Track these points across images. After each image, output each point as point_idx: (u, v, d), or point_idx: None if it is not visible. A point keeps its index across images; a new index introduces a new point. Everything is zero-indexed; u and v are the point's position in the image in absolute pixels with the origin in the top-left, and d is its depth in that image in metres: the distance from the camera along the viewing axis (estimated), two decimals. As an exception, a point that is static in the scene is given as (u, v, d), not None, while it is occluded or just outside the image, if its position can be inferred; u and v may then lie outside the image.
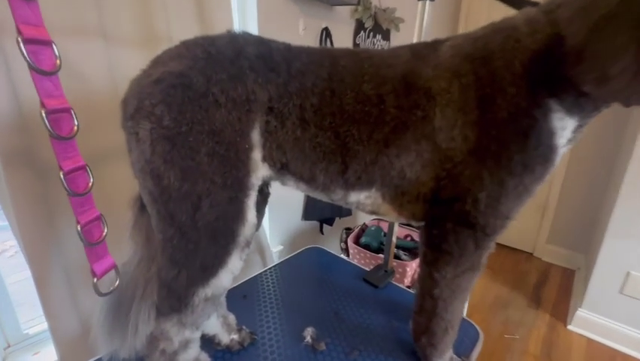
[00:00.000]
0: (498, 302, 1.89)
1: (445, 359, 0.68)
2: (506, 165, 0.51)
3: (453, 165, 0.53)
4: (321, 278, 1.00)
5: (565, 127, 0.50)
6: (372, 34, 1.68)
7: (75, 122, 0.44)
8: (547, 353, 1.56)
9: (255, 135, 0.52)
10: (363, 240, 1.57)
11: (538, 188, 0.54)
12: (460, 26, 2.45)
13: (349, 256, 1.58)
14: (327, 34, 1.42)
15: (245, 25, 1.19)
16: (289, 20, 1.27)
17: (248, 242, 0.56)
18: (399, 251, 1.52)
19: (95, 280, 0.51)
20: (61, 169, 0.44)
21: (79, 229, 0.46)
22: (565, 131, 0.51)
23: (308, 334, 0.76)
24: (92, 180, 0.47)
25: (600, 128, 1.92)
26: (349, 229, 1.68)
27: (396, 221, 0.70)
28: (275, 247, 1.46)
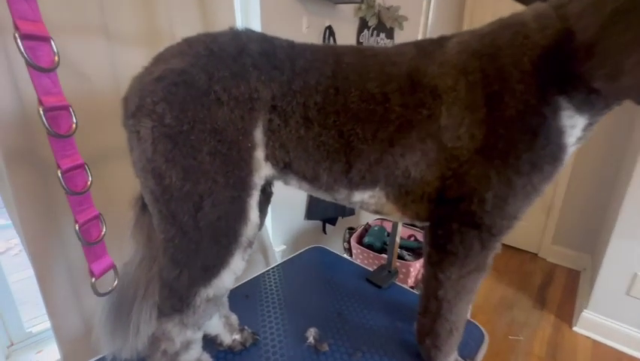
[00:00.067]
0: (503, 303, 1.87)
1: (450, 361, 0.67)
2: (514, 164, 0.50)
3: (459, 165, 0.52)
4: (324, 278, 0.99)
5: (575, 125, 0.49)
6: (375, 32, 1.66)
7: (74, 119, 0.44)
8: (553, 355, 1.55)
9: (258, 134, 0.51)
10: (366, 240, 1.56)
11: (546, 187, 0.53)
12: (465, 24, 2.43)
13: (352, 256, 1.57)
14: (330, 32, 1.41)
15: (248, 24, 1.18)
16: (292, 18, 1.27)
17: (250, 242, 0.56)
18: (402, 251, 1.51)
19: (93, 280, 0.50)
20: (59, 167, 0.44)
21: (77, 228, 0.46)
22: (574, 129, 0.50)
23: (311, 334, 0.75)
24: (90, 178, 0.47)
25: (607, 126, 1.90)
26: (352, 229, 1.68)
27: (400, 221, 0.69)
28: (278, 247, 1.46)
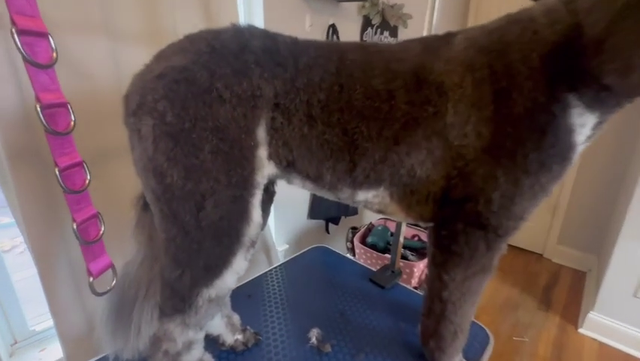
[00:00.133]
0: (507, 304, 1.85)
1: (455, 363, 0.66)
2: (522, 163, 0.48)
3: (465, 163, 0.51)
4: (327, 278, 0.99)
5: (584, 124, 0.48)
6: (379, 30, 1.65)
7: (72, 117, 0.43)
8: (558, 356, 1.53)
9: (261, 132, 0.51)
10: (369, 239, 1.55)
11: (554, 187, 0.52)
12: (470, 22, 2.41)
13: (355, 255, 1.56)
14: (333, 30, 1.40)
15: (251, 22, 1.17)
16: (296, 17, 1.26)
17: (253, 242, 0.55)
18: (406, 251, 1.50)
19: (91, 279, 0.50)
20: (57, 165, 0.43)
21: (74, 227, 0.45)
22: (584, 128, 0.49)
23: (313, 335, 0.75)
24: (89, 177, 0.46)
25: (615, 123, 1.84)
26: (355, 229, 1.67)
27: (404, 221, 0.68)
28: (280, 246, 1.45)
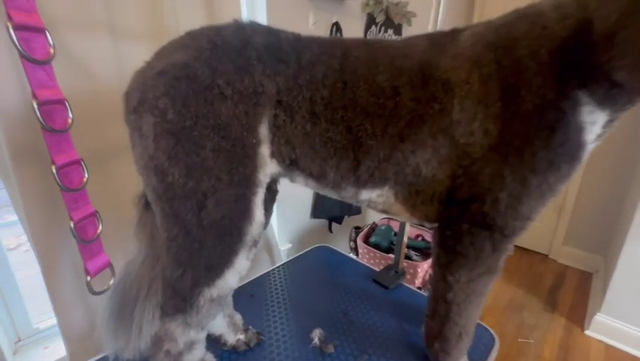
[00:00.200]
0: (512, 305, 1.83)
1: (459, 365, 0.65)
2: (530, 162, 0.47)
3: (471, 162, 0.50)
4: (330, 278, 0.98)
5: (595, 121, 0.47)
6: (383, 29, 1.64)
7: (70, 114, 0.43)
8: (564, 358, 1.51)
9: (263, 130, 0.50)
10: (372, 239, 1.54)
11: (562, 187, 0.51)
12: (475, 20, 2.39)
13: (358, 255, 1.55)
14: (337, 28, 1.39)
15: (253, 19, 1.17)
16: (299, 14, 1.25)
17: (255, 241, 0.54)
18: (410, 251, 1.49)
19: (89, 278, 0.49)
20: (54, 163, 0.42)
21: (71, 225, 0.44)
22: (595, 126, 0.47)
23: (316, 335, 0.74)
24: (86, 175, 0.46)
25: (623, 121, 1.81)
26: (359, 228, 1.66)
27: (409, 222, 0.67)
28: (283, 245, 1.45)
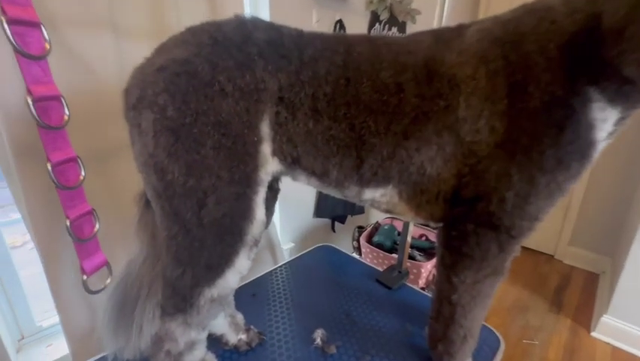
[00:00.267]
0: (517, 306, 1.81)
1: (464, 368, 0.64)
2: (538, 160, 0.46)
3: (477, 161, 0.49)
4: (333, 278, 0.97)
5: (606, 119, 0.45)
6: (387, 26, 1.62)
7: (66, 111, 0.42)
8: (569, 360, 1.49)
9: (264, 127, 0.49)
10: (376, 239, 1.53)
11: (571, 186, 0.49)
12: (481, 17, 2.36)
13: (361, 255, 1.55)
14: (340, 26, 1.38)
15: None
16: (302, 12, 1.25)
17: (256, 241, 0.54)
18: (413, 251, 1.48)
19: (85, 277, 0.48)
20: (49, 160, 0.42)
21: (67, 224, 0.44)
22: (606, 123, 0.46)
23: (318, 336, 0.73)
24: (83, 173, 0.45)
25: (631, 119, 1.80)
26: (362, 228, 1.65)
27: (413, 221, 0.66)
28: (286, 245, 1.44)
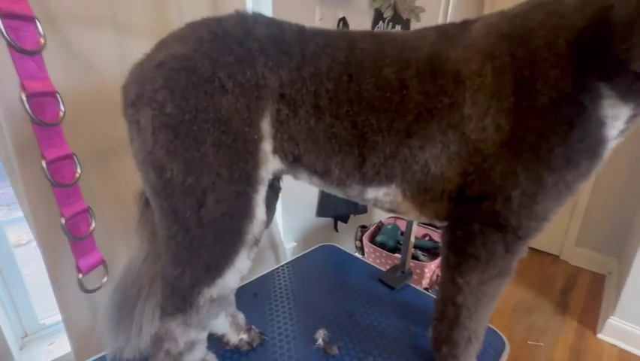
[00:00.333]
0: (522, 307, 1.79)
1: (468, 371, 0.63)
2: (545, 158, 0.45)
3: (482, 159, 0.48)
4: (335, 278, 0.96)
5: (617, 116, 0.44)
6: (391, 24, 1.61)
7: (61, 107, 0.41)
8: (575, 363, 1.47)
9: (265, 125, 0.48)
10: (379, 238, 1.52)
11: (581, 186, 0.48)
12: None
13: (364, 255, 1.53)
14: (344, 24, 1.37)
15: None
16: (305, 10, 1.24)
17: (256, 240, 0.53)
18: (417, 251, 1.47)
19: (80, 276, 0.48)
20: (44, 158, 0.41)
21: (63, 222, 0.43)
22: (617, 121, 0.44)
23: (320, 336, 0.73)
24: (79, 170, 0.44)
25: None
26: (365, 227, 1.64)
27: (417, 220, 0.65)
28: (288, 244, 1.44)
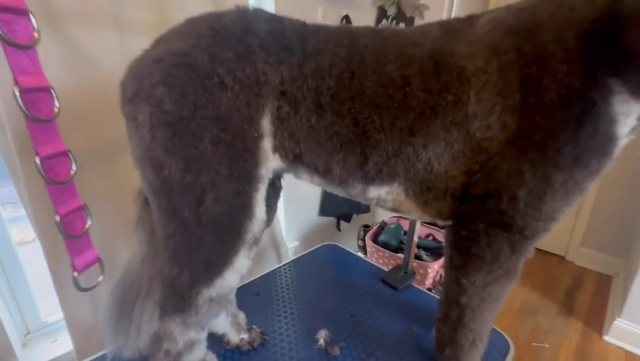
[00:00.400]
0: (526, 308, 1.78)
1: (472, 373, 0.61)
2: (553, 157, 0.43)
3: (488, 157, 0.47)
4: (337, 277, 0.95)
5: (629, 112, 0.42)
6: (394, 22, 1.60)
7: (56, 103, 0.40)
8: (581, 365, 1.45)
9: (265, 122, 0.47)
10: (381, 238, 1.51)
11: (590, 185, 0.47)
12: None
13: (367, 254, 1.53)
14: (347, 22, 1.36)
15: (260, 11, 1.16)
16: (308, 7, 1.23)
17: (256, 239, 0.52)
18: (420, 251, 1.45)
19: (76, 274, 0.47)
20: (38, 154, 0.40)
21: (57, 220, 0.42)
22: (629, 117, 0.43)
23: (321, 336, 0.72)
24: (74, 167, 0.44)
25: None
26: (367, 227, 1.63)
27: (420, 219, 0.64)
28: (290, 243, 1.43)
